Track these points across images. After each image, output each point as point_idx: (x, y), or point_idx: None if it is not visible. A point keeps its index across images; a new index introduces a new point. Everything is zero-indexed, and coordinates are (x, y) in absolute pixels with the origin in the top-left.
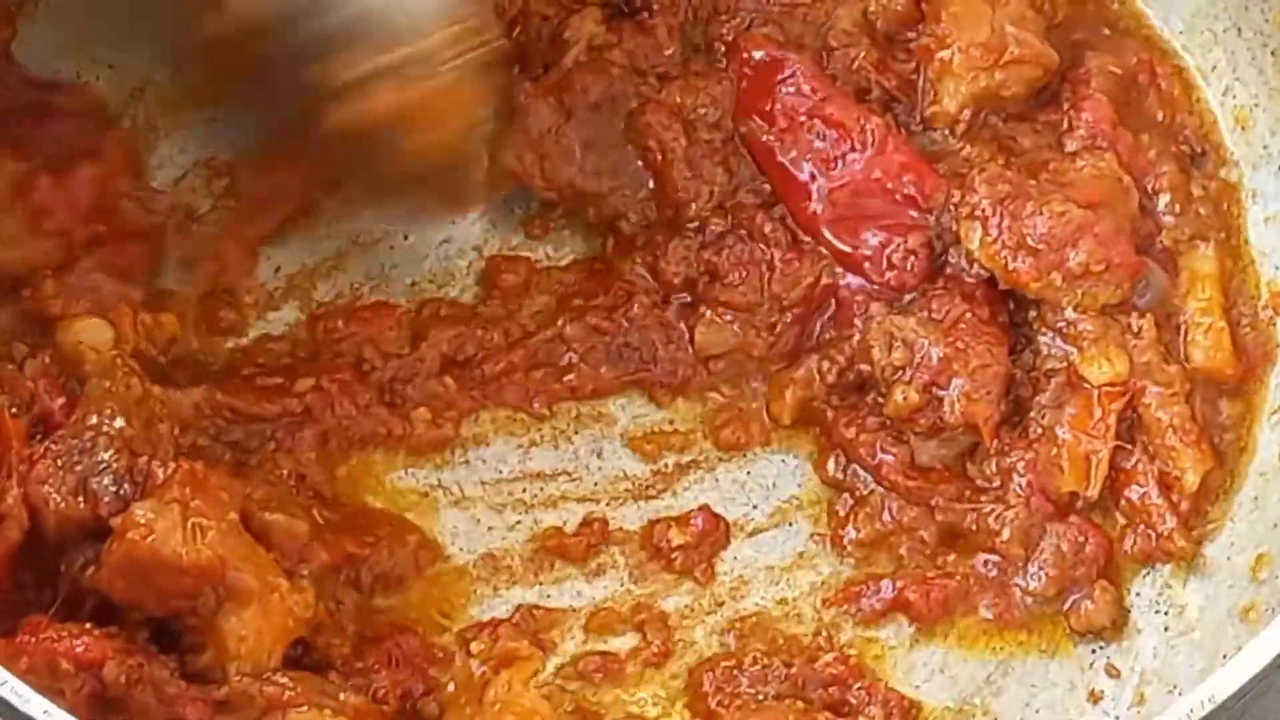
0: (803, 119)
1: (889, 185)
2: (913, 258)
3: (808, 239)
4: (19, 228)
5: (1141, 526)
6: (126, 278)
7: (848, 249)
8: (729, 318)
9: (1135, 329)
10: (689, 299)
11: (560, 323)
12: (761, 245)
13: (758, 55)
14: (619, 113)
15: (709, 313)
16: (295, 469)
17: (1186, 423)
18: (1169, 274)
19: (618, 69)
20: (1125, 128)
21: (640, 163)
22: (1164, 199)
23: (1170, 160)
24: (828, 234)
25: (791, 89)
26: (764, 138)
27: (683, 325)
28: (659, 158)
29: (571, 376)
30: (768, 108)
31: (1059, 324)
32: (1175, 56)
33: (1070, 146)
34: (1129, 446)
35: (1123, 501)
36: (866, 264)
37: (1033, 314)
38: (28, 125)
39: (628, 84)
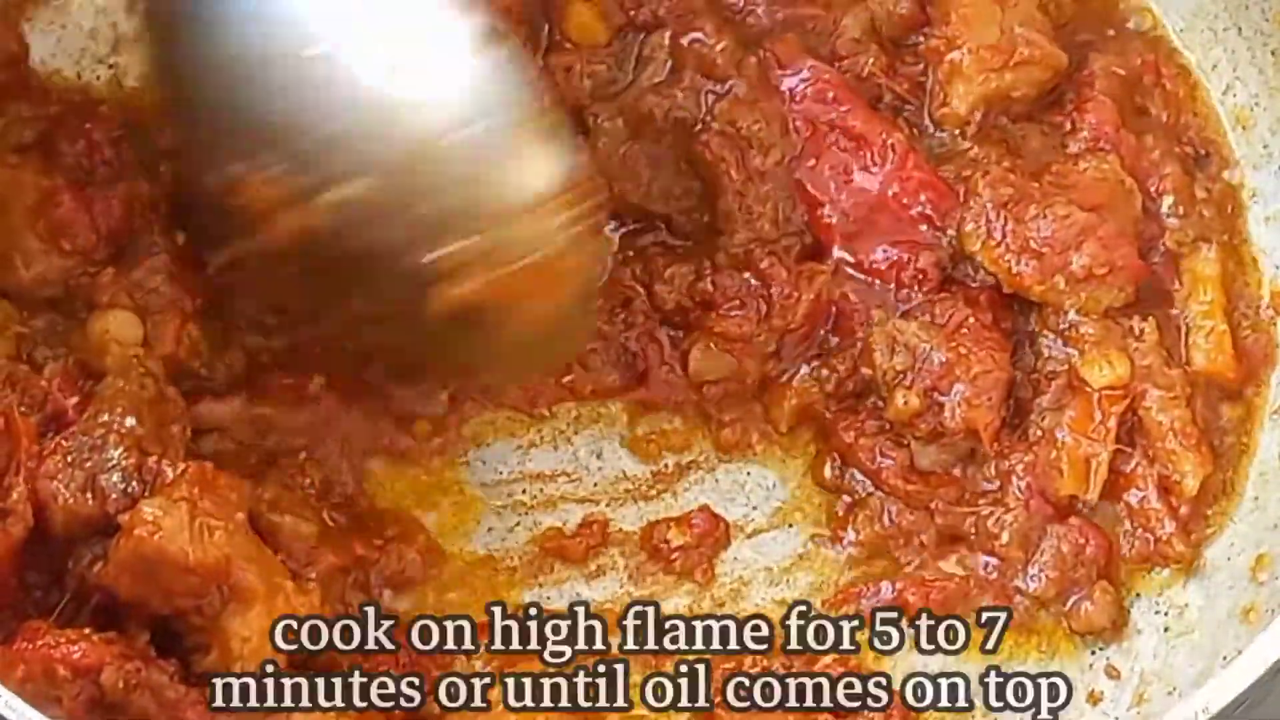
0: (824, 128)
1: (905, 201)
2: (922, 276)
3: (805, 264)
4: (38, 245)
5: (1140, 530)
6: (186, 287)
7: (860, 260)
8: (724, 345)
9: (1137, 332)
10: (683, 324)
11: None
12: (758, 282)
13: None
14: (684, 134)
15: (704, 339)
16: (327, 475)
17: (1187, 426)
18: (1171, 277)
19: (684, 89)
20: (1128, 129)
21: (699, 184)
22: (1167, 201)
23: (1174, 162)
24: (840, 246)
25: (816, 97)
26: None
27: (677, 347)
28: (714, 183)
29: (571, 377)
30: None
31: (1060, 326)
32: (1180, 56)
33: (1073, 149)
34: (1129, 450)
35: (1121, 505)
36: (877, 279)
37: (1034, 316)
38: (53, 140)
39: (693, 104)
